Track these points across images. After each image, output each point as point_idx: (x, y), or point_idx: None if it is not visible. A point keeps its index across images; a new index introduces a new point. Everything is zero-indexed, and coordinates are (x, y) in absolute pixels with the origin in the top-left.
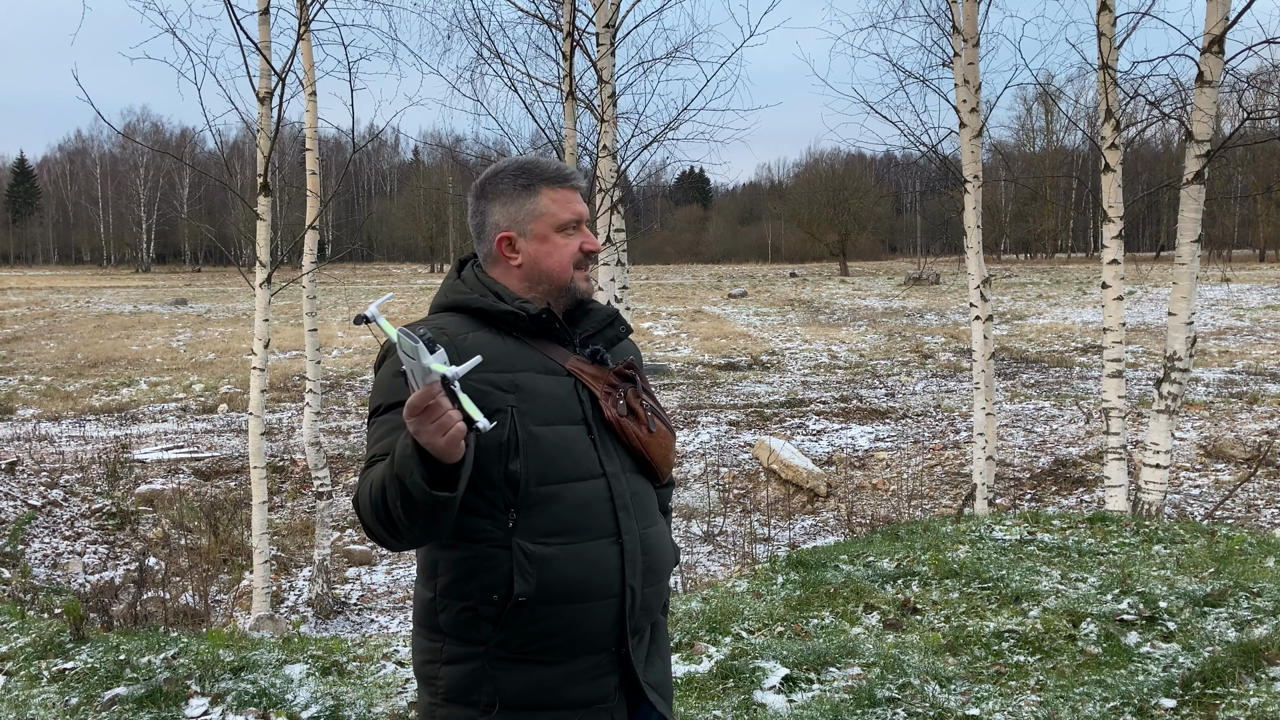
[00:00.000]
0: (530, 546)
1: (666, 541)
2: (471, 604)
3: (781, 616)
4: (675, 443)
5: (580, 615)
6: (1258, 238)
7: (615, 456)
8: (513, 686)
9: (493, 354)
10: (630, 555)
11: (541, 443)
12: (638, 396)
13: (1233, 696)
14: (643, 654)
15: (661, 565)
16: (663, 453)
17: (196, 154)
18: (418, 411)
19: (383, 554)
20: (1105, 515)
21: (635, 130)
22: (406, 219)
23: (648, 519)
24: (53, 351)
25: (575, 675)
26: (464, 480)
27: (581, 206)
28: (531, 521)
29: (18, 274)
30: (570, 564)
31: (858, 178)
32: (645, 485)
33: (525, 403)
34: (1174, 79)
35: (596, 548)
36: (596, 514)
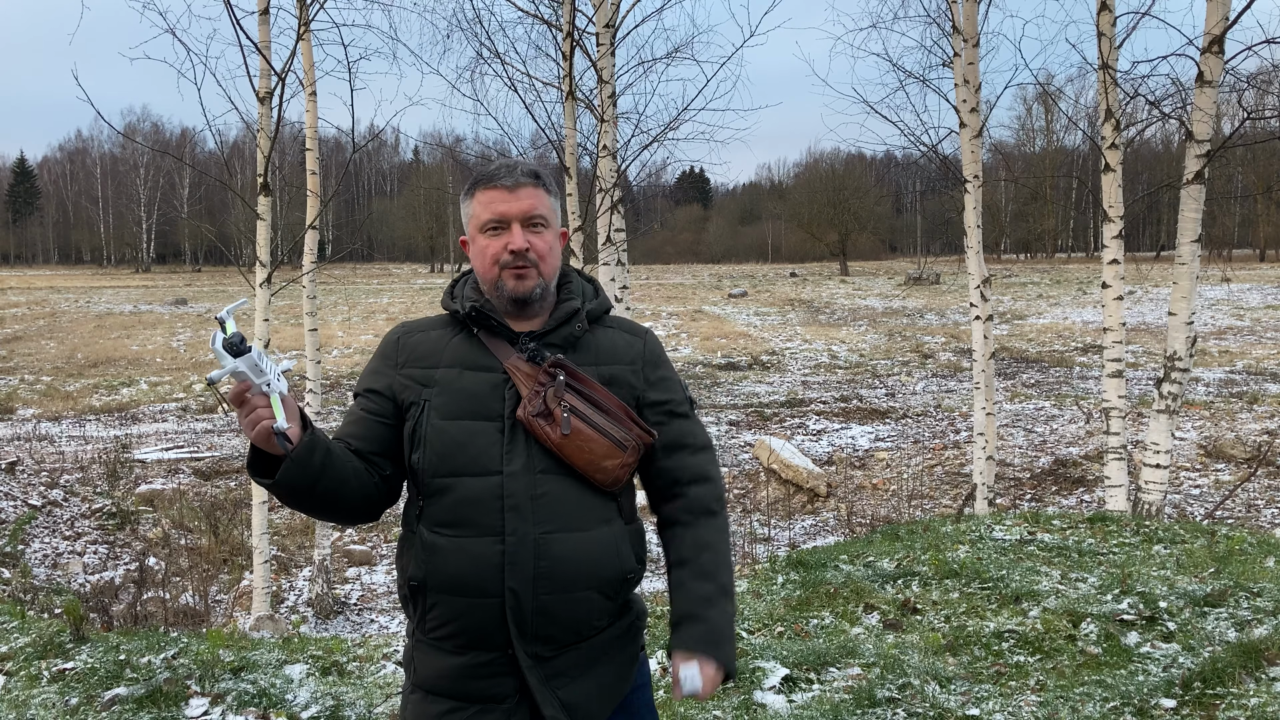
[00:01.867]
0: (426, 534)
1: (593, 551)
2: (402, 583)
3: (781, 616)
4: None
5: (466, 609)
6: (1258, 238)
7: (527, 456)
8: (426, 669)
9: (424, 351)
10: (513, 557)
11: (443, 435)
12: (558, 396)
13: (1233, 696)
14: (561, 668)
15: (572, 574)
16: (584, 456)
17: (196, 154)
18: (233, 404)
19: (383, 554)
20: (1105, 515)
21: (635, 130)
22: (406, 219)
23: (555, 523)
24: (53, 351)
25: (471, 669)
26: (286, 473)
27: (505, 206)
28: (431, 510)
29: (18, 274)
30: (453, 556)
31: (858, 178)
32: (568, 487)
33: (438, 397)
34: (1174, 79)
35: (479, 544)
36: (483, 511)
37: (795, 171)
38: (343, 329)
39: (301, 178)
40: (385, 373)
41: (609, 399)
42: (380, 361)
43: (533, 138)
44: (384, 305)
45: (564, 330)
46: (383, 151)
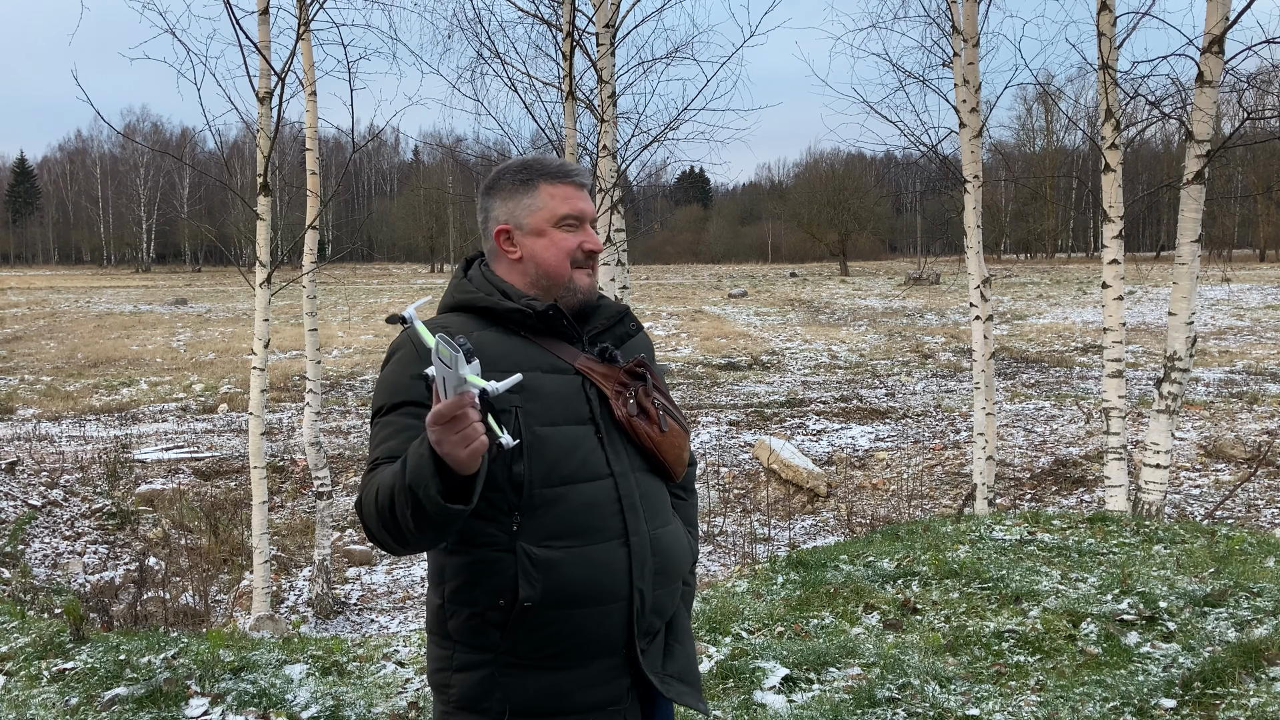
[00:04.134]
0: (535, 550)
1: (681, 541)
2: (479, 610)
3: (781, 616)
4: (689, 440)
5: (588, 619)
6: (1258, 238)
7: (624, 456)
8: (523, 693)
9: (497, 354)
10: (639, 557)
11: (547, 444)
12: (648, 394)
13: (1233, 696)
14: (659, 650)
15: (674, 566)
16: (675, 452)
17: (196, 154)
18: (443, 420)
19: (383, 554)
20: (1105, 515)
21: (635, 130)
22: (406, 219)
23: (659, 519)
24: (53, 351)
25: (585, 679)
26: (477, 493)
27: (584, 204)
28: (536, 524)
29: (18, 274)
30: (576, 567)
31: (858, 178)
32: (657, 485)
33: (530, 403)
34: (1174, 79)
35: (603, 550)
36: (603, 515)
37: (795, 171)
38: (343, 329)
39: (301, 178)
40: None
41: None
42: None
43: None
44: (384, 305)
45: (618, 329)
46: (383, 151)
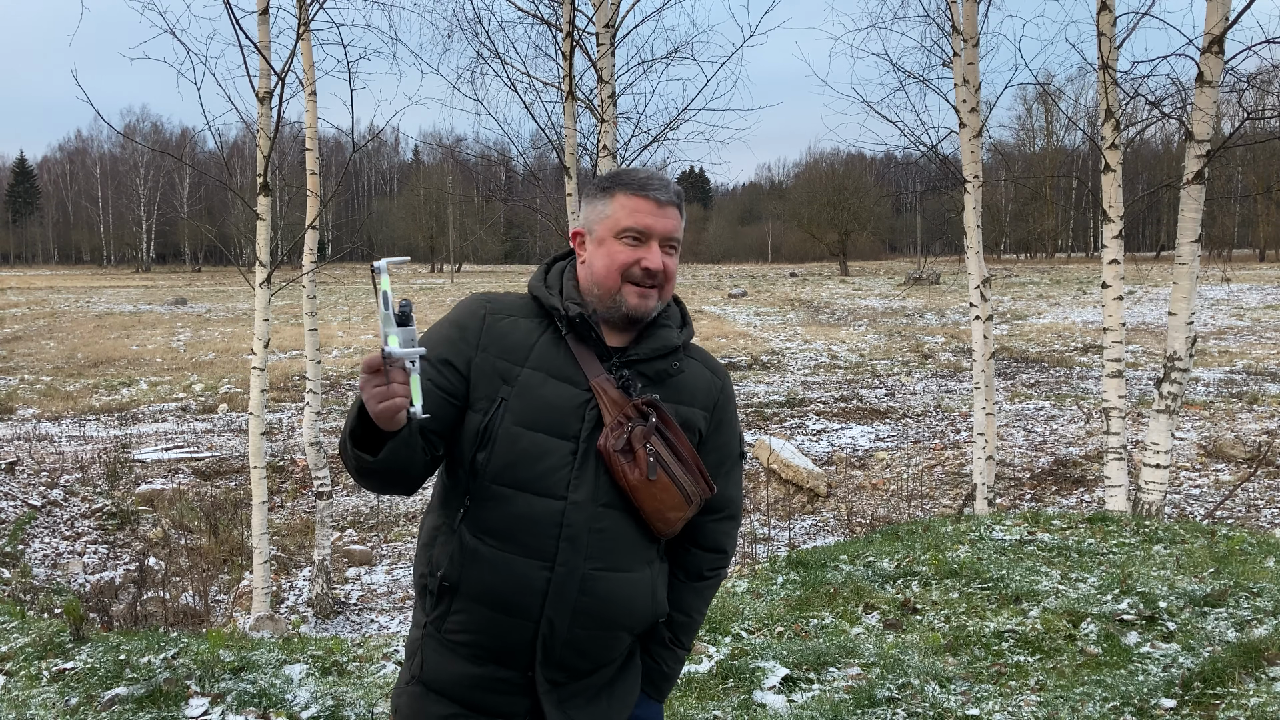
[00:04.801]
0: (468, 537)
1: (632, 593)
2: (424, 572)
3: (781, 616)
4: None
5: (494, 624)
6: (1258, 238)
7: (592, 486)
8: (435, 668)
9: (513, 343)
10: (559, 588)
11: (515, 443)
12: (645, 437)
13: (1233, 696)
14: (579, 694)
15: (612, 615)
16: (654, 504)
17: (196, 154)
18: (368, 370)
19: (383, 554)
20: (1105, 515)
21: (635, 130)
22: (406, 219)
23: (607, 561)
24: (53, 351)
25: (484, 681)
26: (392, 451)
27: (651, 219)
28: (480, 514)
29: (18, 274)
30: (494, 570)
31: (858, 178)
32: (626, 527)
33: (517, 400)
34: (1174, 79)
35: (524, 565)
36: (537, 534)
37: (795, 171)
38: (343, 329)
39: (301, 178)
40: (464, 348)
41: (687, 449)
42: (458, 331)
43: (533, 138)
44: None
45: (659, 364)
46: (383, 151)
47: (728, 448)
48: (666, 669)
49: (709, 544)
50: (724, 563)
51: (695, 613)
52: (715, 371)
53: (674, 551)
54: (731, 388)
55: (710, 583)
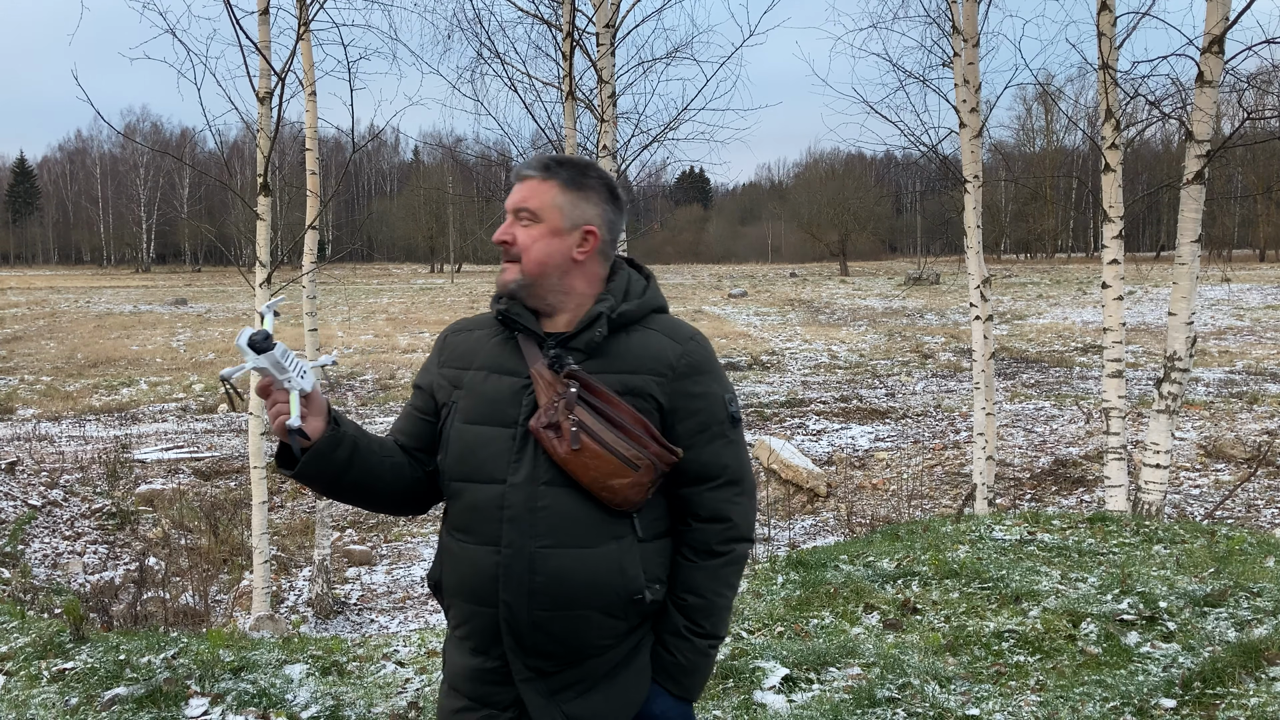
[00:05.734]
0: (445, 536)
1: (592, 570)
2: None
3: (781, 616)
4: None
5: (471, 615)
6: (1258, 238)
7: (533, 466)
8: (450, 664)
9: (463, 351)
10: (507, 569)
11: (460, 439)
12: (569, 409)
13: (1233, 696)
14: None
15: (570, 593)
16: (590, 473)
17: (196, 154)
18: (259, 396)
19: (383, 554)
20: (1105, 515)
21: (635, 130)
22: (406, 219)
23: (554, 538)
24: (53, 351)
25: (482, 672)
26: (311, 464)
27: (511, 198)
28: (449, 512)
29: (18, 274)
30: (460, 561)
31: (858, 178)
32: (573, 502)
33: (464, 399)
34: (1174, 79)
35: (478, 553)
36: (482, 519)
37: (795, 171)
38: (343, 329)
39: (301, 178)
40: (430, 370)
41: (626, 413)
42: (429, 358)
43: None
44: (384, 305)
45: (586, 335)
46: (383, 151)
47: (706, 412)
48: (681, 658)
49: (708, 513)
50: (734, 533)
51: (709, 593)
52: (676, 338)
53: (682, 528)
54: (698, 351)
55: (724, 559)
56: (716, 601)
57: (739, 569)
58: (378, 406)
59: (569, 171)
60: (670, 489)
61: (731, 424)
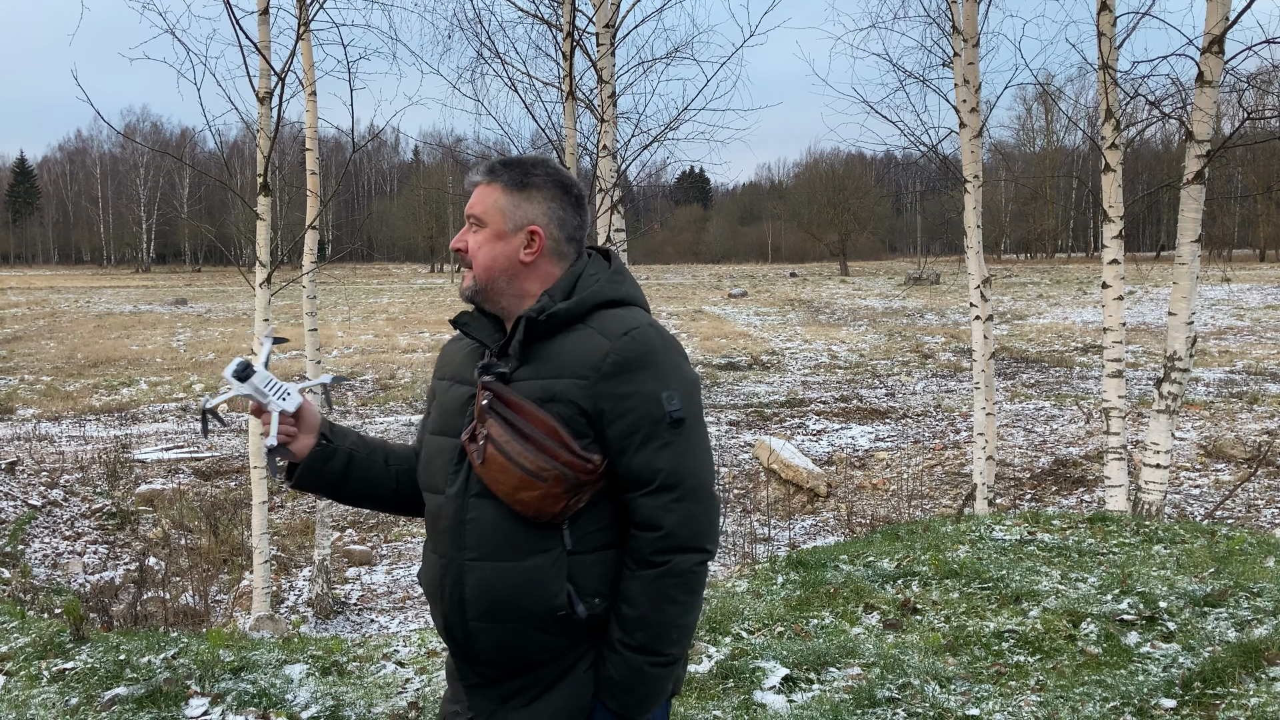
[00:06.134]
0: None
1: (515, 584)
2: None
3: (781, 616)
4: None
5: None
6: (1258, 238)
7: (465, 479)
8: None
9: (445, 360)
10: (441, 578)
11: (425, 449)
12: (482, 420)
13: (1233, 696)
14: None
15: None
16: (500, 488)
17: (196, 154)
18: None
19: (383, 554)
20: (1105, 515)
21: (635, 130)
22: (406, 219)
23: (479, 550)
24: (53, 351)
25: (452, 671)
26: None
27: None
28: None
29: (18, 274)
30: (424, 565)
31: (858, 178)
32: (498, 515)
33: (434, 410)
34: (1174, 79)
35: (430, 559)
36: (433, 530)
37: (795, 171)
38: (343, 329)
39: (301, 178)
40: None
41: (538, 423)
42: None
43: (533, 138)
44: (384, 305)
45: (514, 340)
46: (383, 151)
47: (636, 413)
48: (614, 673)
49: (642, 520)
50: (669, 543)
51: (644, 606)
52: (606, 334)
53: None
54: (630, 348)
55: (661, 570)
56: (653, 616)
57: (683, 583)
58: (378, 406)
59: (512, 173)
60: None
61: (670, 425)
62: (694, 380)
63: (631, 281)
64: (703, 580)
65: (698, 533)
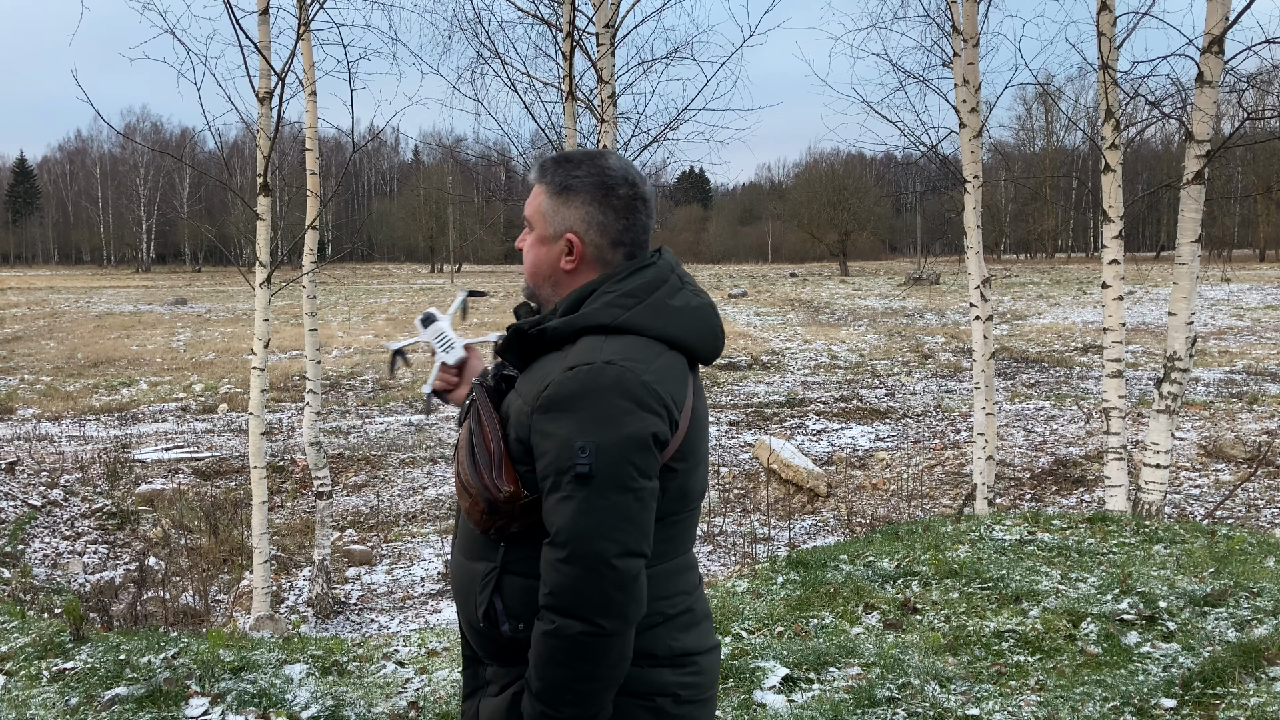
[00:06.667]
0: None
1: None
2: None
3: (781, 616)
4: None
5: None
6: (1258, 238)
7: None
8: None
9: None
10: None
11: None
12: (460, 423)
13: (1233, 696)
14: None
15: (457, 595)
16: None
17: (196, 154)
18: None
19: (383, 554)
20: (1105, 515)
21: (635, 130)
22: (406, 219)
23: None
24: (53, 351)
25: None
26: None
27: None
28: None
29: (18, 274)
30: None
31: (858, 178)
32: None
33: None
34: (1174, 79)
35: None
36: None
37: (795, 171)
38: (343, 329)
39: (301, 178)
40: None
41: (489, 437)
42: None
43: (533, 138)
44: (384, 305)
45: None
46: (383, 151)
47: (549, 456)
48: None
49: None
50: (548, 601)
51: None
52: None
53: None
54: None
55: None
56: (545, 671)
57: (570, 650)
58: (378, 407)
59: (556, 174)
60: None
61: (575, 480)
62: (626, 438)
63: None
64: (600, 653)
65: (583, 602)
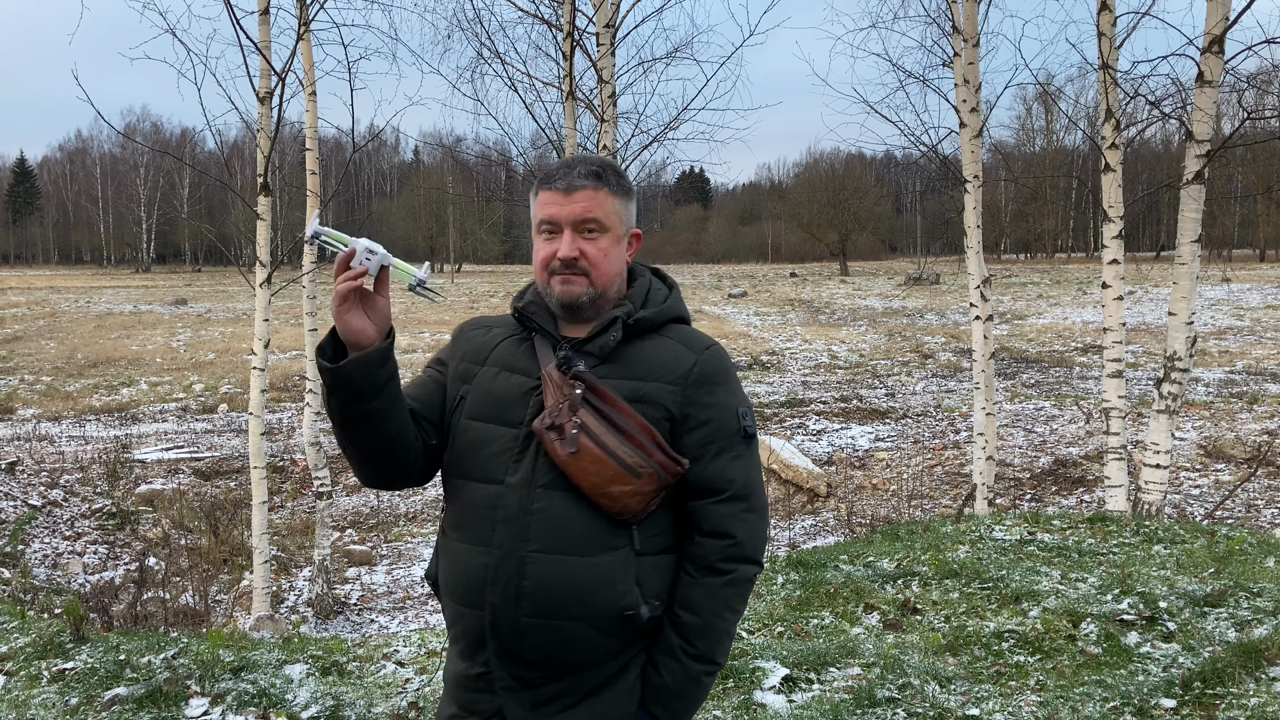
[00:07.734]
0: (443, 535)
1: (583, 580)
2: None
3: (781, 616)
4: (620, 473)
5: (460, 616)
6: (1258, 238)
7: (532, 469)
8: (446, 668)
9: (477, 346)
10: (496, 572)
11: (464, 435)
12: (572, 410)
13: (1233, 696)
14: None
15: (558, 602)
16: (589, 478)
17: (196, 154)
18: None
19: (383, 554)
20: (1105, 515)
21: (635, 130)
22: (406, 219)
23: (546, 543)
24: (53, 351)
25: (467, 678)
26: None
27: (556, 209)
28: (448, 509)
29: (18, 274)
30: (455, 560)
31: (858, 178)
32: (571, 508)
33: (472, 395)
34: (1174, 79)
35: (469, 552)
36: (478, 520)
37: (795, 171)
38: None
39: (301, 178)
40: (452, 355)
41: (632, 419)
42: (448, 346)
43: (533, 138)
44: None
45: (601, 339)
46: (383, 151)
47: (716, 424)
48: (670, 680)
49: (710, 528)
50: (737, 551)
51: (707, 613)
52: (690, 346)
53: (687, 543)
54: (714, 361)
55: (726, 579)
56: (715, 623)
57: (742, 592)
58: None
59: (615, 176)
60: (677, 503)
61: (744, 439)
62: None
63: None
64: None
65: (759, 547)
